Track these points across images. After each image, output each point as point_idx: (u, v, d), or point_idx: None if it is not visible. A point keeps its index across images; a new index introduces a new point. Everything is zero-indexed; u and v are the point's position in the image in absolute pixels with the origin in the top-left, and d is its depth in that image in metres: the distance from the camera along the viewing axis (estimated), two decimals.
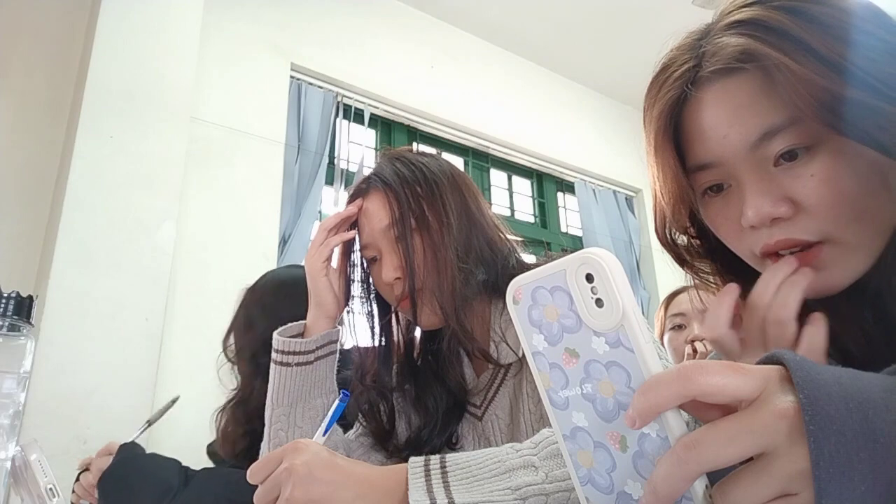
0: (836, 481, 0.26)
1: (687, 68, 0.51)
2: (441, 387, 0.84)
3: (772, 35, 0.45)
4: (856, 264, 0.47)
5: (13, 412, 0.64)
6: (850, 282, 0.48)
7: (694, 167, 0.52)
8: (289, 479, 0.54)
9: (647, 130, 0.54)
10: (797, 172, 0.46)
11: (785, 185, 0.47)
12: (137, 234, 1.72)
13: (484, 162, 2.94)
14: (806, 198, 0.46)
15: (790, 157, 0.47)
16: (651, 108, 0.53)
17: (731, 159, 0.49)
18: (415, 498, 0.53)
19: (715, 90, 0.49)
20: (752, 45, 0.46)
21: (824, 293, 0.49)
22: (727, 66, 0.47)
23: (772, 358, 0.31)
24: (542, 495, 0.52)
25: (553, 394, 0.35)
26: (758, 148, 0.47)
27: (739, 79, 0.48)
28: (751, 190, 0.48)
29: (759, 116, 0.47)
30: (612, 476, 0.33)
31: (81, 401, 1.54)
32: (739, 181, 0.49)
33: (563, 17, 2.91)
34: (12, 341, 0.66)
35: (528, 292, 0.35)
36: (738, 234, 0.51)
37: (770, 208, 0.47)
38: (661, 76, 0.53)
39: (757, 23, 0.47)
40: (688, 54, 0.51)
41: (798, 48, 0.44)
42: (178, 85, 1.92)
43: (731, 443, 0.28)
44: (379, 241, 0.82)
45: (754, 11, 0.48)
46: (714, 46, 0.49)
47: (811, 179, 0.46)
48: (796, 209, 0.47)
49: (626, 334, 0.31)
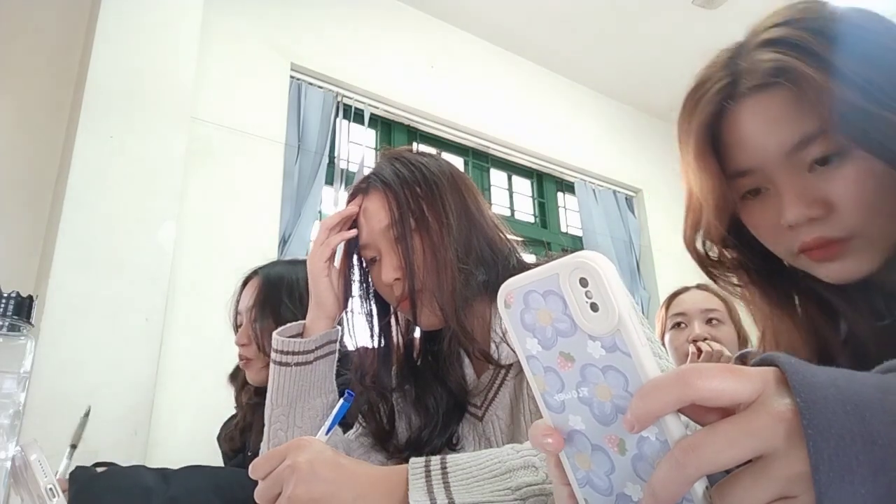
0: (836, 485, 0.26)
1: (724, 84, 0.56)
2: (441, 387, 0.83)
3: (801, 52, 0.51)
4: (875, 256, 0.53)
5: (13, 412, 0.64)
6: (868, 271, 0.53)
7: (733, 173, 0.57)
8: (291, 476, 0.54)
9: (684, 141, 0.59)
10: (830, 176, 0.52)
11: (819, 188, 0.52)
12: (137, 234, 1.72)
13: (484, 162, 2.94)
14: (838, 198, 0.51)
15: (823, 162, 0.52)
16: (689, 121, 0.58)
17: (768, 166, 0.54)
18: (415, 498, 0.53)
19: (751, 103, 0.54)
20: (784, 61, 0.51)
21: (845, 280, 0.54)
22: (763, 82, 0.53)
23: (765, 361, 0.31)
24: (542, 496, 0.52)
25: (548, 397, 0.34)
26: (793, 155, 0.53)
27: (773, 93, 0.53)
28: (789, 194, 0.53)
29: (793, 127, 0.52)
30: (610, 478, 0.33)
31: (81, 401, 1.54)
32: (776, 185, 0.55)
33: (563, 16, 2.91)
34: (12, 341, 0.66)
35: (519, 296, 0.35)
36: (776, 234, 0.56)
37: (807, 210, 0.52)
38: (697, 91, 0.58)
39: (787, 41, 0.52)
40: (723, 71, 0.57)
41: (821, 65, 0.49)
42: (178, 85, 1.92)
43: (731, 446, 0.28)
44: (378, 241, 0.82)
45: (784, 31, 0.53)
46: (749, 64, 0.54)
47: (842, 182, 0.51)
48: (829, 209, 0.52)
49: (622, 338, 0.31)
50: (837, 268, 0.53)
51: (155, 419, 1.67)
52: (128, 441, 1.58)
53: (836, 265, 0.53)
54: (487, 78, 2.97)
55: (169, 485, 0.84)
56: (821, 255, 0.54)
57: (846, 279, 0.54)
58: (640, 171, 3.44)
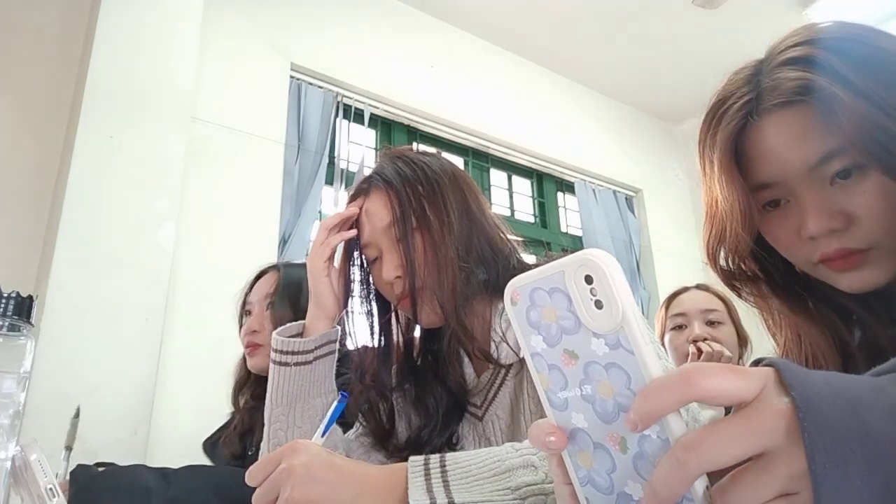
0: (833, 477, 0.26)
1: (747, 100, 0.58)
2: (441, 387, 0.83)
3: (824, 71, 0.53)
4: (893, 265, 0.55)
5: (13, 412, 0.64)
6: (886, 280, 0.55)
7: (755, 186, 0.59)
8: (288, 479, 0.53)
9: (707, 156, 0.61)
10: (851, 189, 0.54)
11: (840, 200, 0.54)
12: (137, 234, 1.72)
13: (484, 162, 2.94)
14: (859, 210, 0.54)
15: (844, 175, 0.54)
16: (712, 136, 0.60)
17: (791, 179, 0.56)
18: (414, 497, 0.53)
19: (775, 119, 0.56)
20: (808, 79, 0.53)
21: (863, 290, 0.56)
22: (788, 100, 0.55)
23: (761, 363, 0.31)
24: (541, 495, 0.52)
25: (552, 395, 0.35)
26: (816, 169, 0.55)
27: (797, 109, 0.55)
28: (811, 206, 0.55)
29: (816, 142, 0.54)
30: (612, 477, 0.33)
31: (81, 401, 1.53)
32: (798, 197, 0.56)
33: (563, 16, 2.91)
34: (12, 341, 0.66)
35: (525, 293, 0.35)
36: (796, 245, 0.58)
37: (828, 222, 0.54)
38: (719, 107, 0.60)
39: (810, 60, 0.54)
40: (745, 87, 0.59)
41: (843, 84, 0.51)
42: (178, 85, 1.92)
43: (731, 444, 0.28)
44: (380, 239, 0.82)
45: (806, 50, 0.55)
46: (773, 81, 0.56)
47: (863, 195, 0.53)
48: (849, 221, 0.54)
49: (625, 336, 0.31)
50: (857, 277, 0.55)
51: (155, 419, 1.67)
52: (128, 441, 1.58)
53: (855, 275, 0.55)
54: (487, 78, 2.97)
55: (169, 484, 0.84)
56: (841, 266, 0.55)
57: (865, 288, 0.55)
58: (640, 171, 3.44)
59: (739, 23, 2.77)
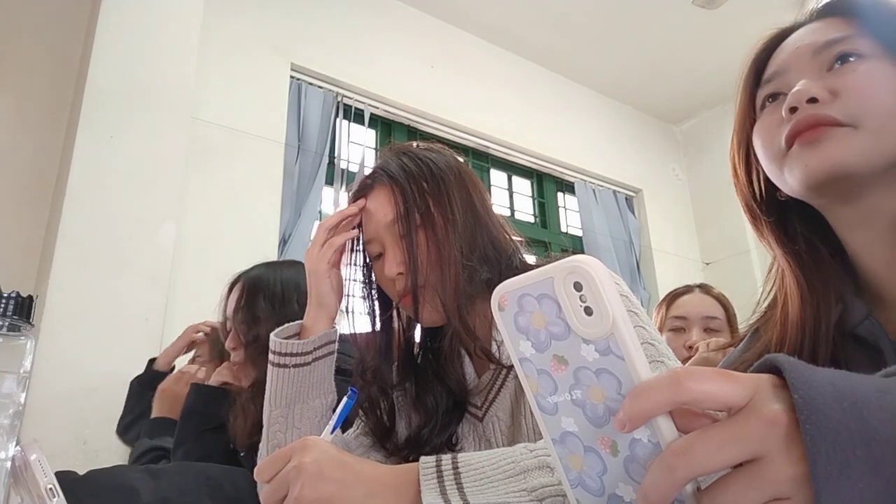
0: (834, 479, 0.26)
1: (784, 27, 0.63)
2: (441, 386, 0.83)
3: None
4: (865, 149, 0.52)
5: (13, 412, 0.64)
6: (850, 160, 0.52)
7: (764, 80, 0.62)
8: (298, 477, 0.53)
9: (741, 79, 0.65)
10: (844, 71, 0.55)
11: (831, 82, 0.55)
12: (137, 234, 1.72)
13: (484, 162, 2.94)
14: (845, 86, 0.54)
15: (843, 61, 0.56)
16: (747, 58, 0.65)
17: (794, 65, 0.59)
18: (428, 500, 0.52)
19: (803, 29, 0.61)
20: None
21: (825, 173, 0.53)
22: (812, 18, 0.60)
23: (766, 362, 0.31)
24: (559, 496, 0.51)
25: (541, 399, 0.35)
26: (819, 53, 0.57)
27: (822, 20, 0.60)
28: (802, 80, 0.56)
29: (826, 31, 0.58)
30: (602, 479, 0.33)
31: (81, 401, 1.54)
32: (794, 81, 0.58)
33: (562, 17, 2.91)
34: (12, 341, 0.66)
35: (513, 299, 0.35)
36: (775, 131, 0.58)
37: (813, 88, 0.55)
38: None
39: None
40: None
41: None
42: (178, 85, 1.92)
43: (721, 449, 0.28)
44: (383, 235, 0.81)
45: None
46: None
47: (853, 74, 0.55)
48: (835, 95, 0.54)
49: (616, 342, 0.31)
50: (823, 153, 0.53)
51: None
52: None
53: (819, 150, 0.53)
54: (487, 78, 2.97)
55: (158, 482, 0.83)
56: (809, 136, 0.54)
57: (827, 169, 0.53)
58: (640, 172, 3.44)
59: (739, 23, 2.77)
